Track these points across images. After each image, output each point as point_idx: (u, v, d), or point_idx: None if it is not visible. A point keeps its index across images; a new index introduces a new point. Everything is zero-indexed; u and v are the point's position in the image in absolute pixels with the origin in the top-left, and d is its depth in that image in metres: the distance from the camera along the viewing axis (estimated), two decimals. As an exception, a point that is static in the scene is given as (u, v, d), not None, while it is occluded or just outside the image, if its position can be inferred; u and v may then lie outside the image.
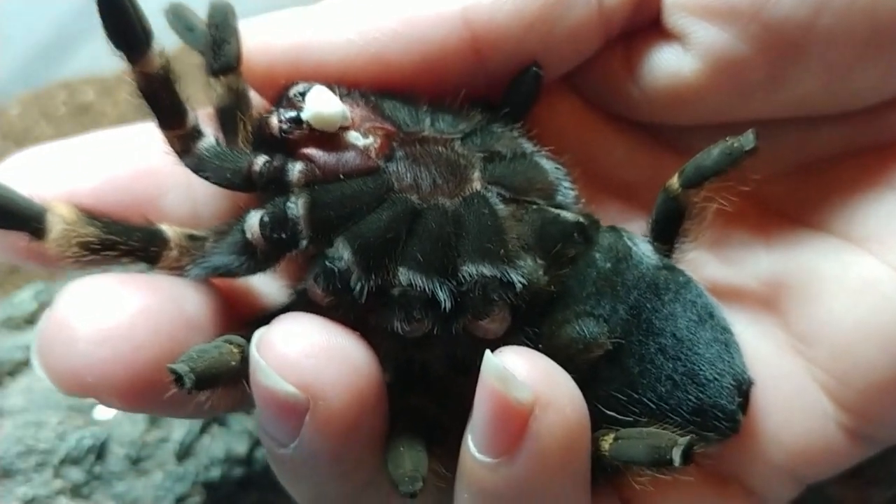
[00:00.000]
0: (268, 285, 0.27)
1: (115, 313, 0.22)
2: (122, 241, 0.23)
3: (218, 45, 0.24)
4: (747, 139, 0.24)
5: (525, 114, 0.27)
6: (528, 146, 0.26)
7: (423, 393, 0.25)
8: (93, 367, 0.21)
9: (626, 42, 0.27)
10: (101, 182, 0.24)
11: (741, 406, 0.25)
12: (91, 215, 0.23)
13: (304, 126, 0.23)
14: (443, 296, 0.22)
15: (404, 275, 0.22)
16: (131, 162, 0.25)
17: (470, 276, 0.22)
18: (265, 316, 0.24)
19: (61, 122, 0.71)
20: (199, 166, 0.23)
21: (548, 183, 0.25)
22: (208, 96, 0.25)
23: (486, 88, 0.26)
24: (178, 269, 0.24)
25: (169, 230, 0.24)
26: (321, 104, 0.23)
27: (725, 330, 0.26)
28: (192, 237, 0.24)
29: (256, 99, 0.26)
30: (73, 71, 0.73)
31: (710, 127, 0.27)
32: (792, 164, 0.28)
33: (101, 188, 0.24)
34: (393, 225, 0.22)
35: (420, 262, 0.22)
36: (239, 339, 0.22)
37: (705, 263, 0.28)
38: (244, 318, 0.25)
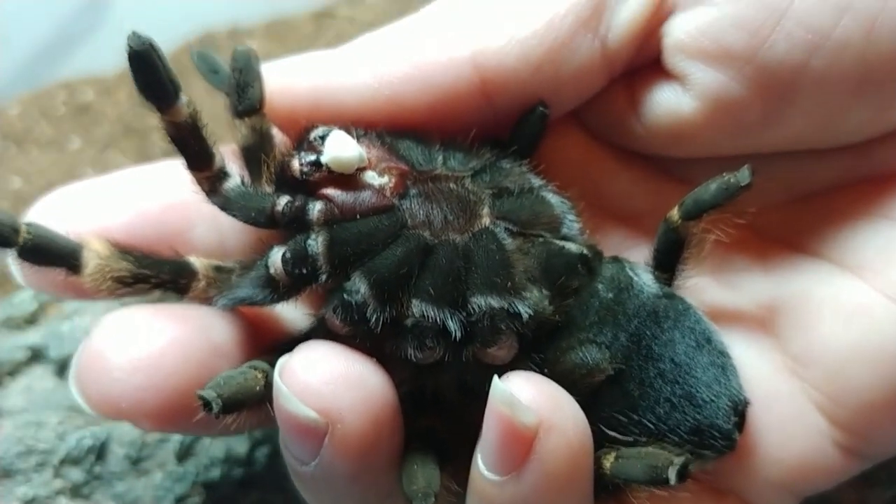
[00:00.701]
0: (290, 312, 0.28)
1: (147, 344, 0.24)
2: (154, 274, 0.24)
3: (242, 89, 0.26)
4: (743, 175, 0.25)
5: (533, 150, 0.28)
6: (536, 181, 0.27)
7: (436, 415, 0.26)
8: (126, 395, 0.23)
9: (628, 80, 0.28)
10: (132, 217, 0.26)
11: (737, 425, 0.27)
12: (124, 250, 0.24)
13: (324, 169, 0.25)
14: (453, 326, 0.24)
15: (417, 306, 0.24)
16: (160, 197, 0.27)
17: (479, 307, 0.24)
18: (288, 342, 0.25)
19: (61, 122, 0.71)
20: (226, 205, 0.25)
21: (553, 216, 0.27)
22: (232, 134, 0.27)
23: (496, 126, 0.27)
24: (206, 299, 0.25)
25: (197, 262, 0.25)
26: (339, 148, 0.25)
27: (722, 354, 0.27)
28: (218, 268, 0.25)
29: (279, 136, 0.28)
30: (73, 71, 0.73)
31: (709, 159, 0.28)
32: (788, 194, 0.29)
33: (132, 223, 0.26)
34: (406, 260, 0.24)
35: (432, 294, 0.24)
36: (263, 365, 0.24)
37: (705, 288, 0.29)
38: (268, 343, 0.26)
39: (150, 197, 0.27)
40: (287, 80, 0.27)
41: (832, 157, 0.28)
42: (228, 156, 0.26)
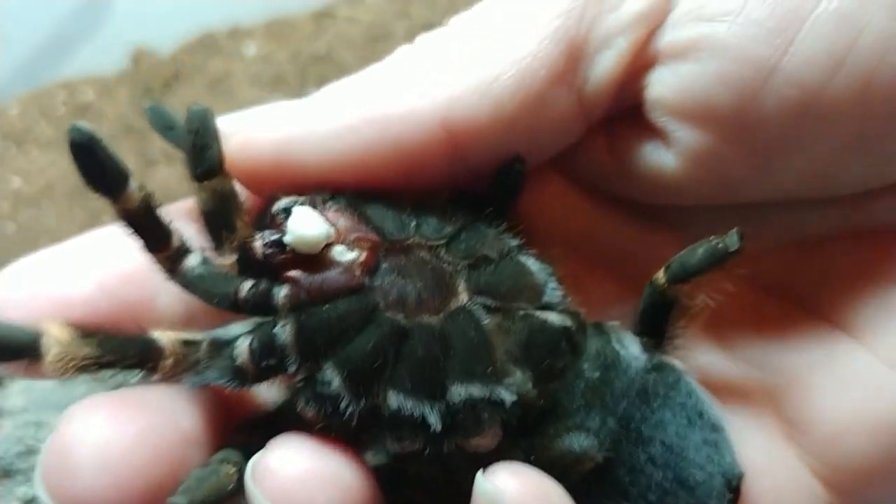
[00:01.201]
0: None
1: (115, 442, 0.22)
2: (119, 359, 0.23)
3: (199, 152, 0.24)
4: (732, 240, 0.24)
5: (511, 205, 0.27)
6: (514, 244, 0.26)
7: (420, 491, 0.26)
8: (97, 497, 0.22)
9: (608, 127, 0.27)
10: (91, 290, 0.25)
11: (731, 501, 0.26)
12: (86, 332, 0.23)
13: (288, 250, 0.23)
14: (433, 419, 0.23)
15: (393, 399, 0.23)
16: (119, 267, 0.25)
17: (459, 397, 0.23)
18: (260, 420, 0.25)
19: (61, 122, 0.71)
20: (188, 286, 0.24)
21: (534, 285, 0.25)
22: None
23: (471, 181, 0.26)
24: (174, 377, 0.24)
25: (163, 338, 0.24)
26: (303, 227, 0.23)
27: (715, 428, 0.26)
28: (186, 342, 0.24)
29: (244, 195, 0.26)
30: (73, 71, 0.73)
31: (698, 206, 0.27)
32: (782, 241, 0.28)
33: (92, 297, 0.24)
34: (380, 349, 0.23)
35: (408, 386, 0.23)
36: (235, 457, 0.23)
37: (698, 348, 0.29)
38: (240, 420, 0.25)
39: (109, 267, 0.25)
40: (248, 136, 0.25)
41: (827, 207, 0.27)
42: (189, 214, 0.25)
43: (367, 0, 0.74)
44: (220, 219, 0.24)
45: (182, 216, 0.25)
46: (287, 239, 0.23)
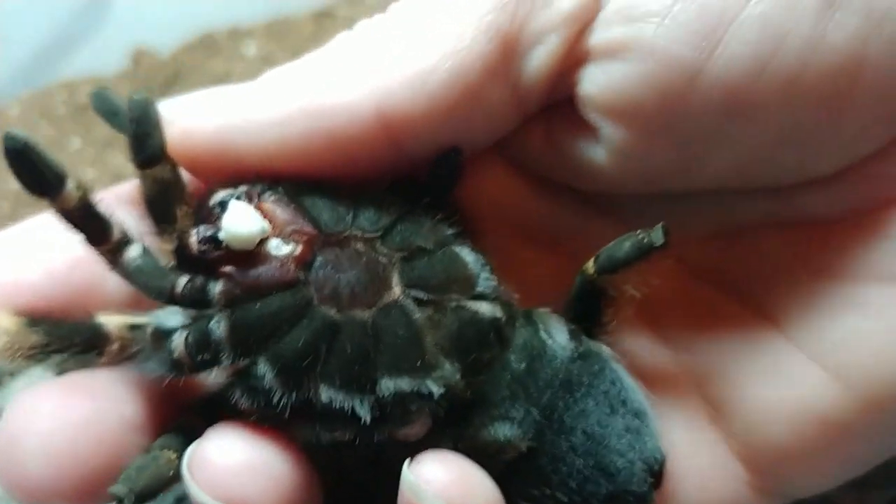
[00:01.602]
0: None
1: (59, 430, 0.23)
2: (66, 345, 0.24)
3: (140, 140, 0.24)
4: (657, 235, 0.25)
5: (449, 192, 0.28)
6: (450, 234, 0.27)
7: (352, 490, 0.27)
8: (43, 485, 0.23)
9: (545, 117, 0.27)
10: (39, 277, 0.25)
11: (653, 485, 0.27)
12: (33, 320, 0.24)
13: (223, 246, 0.24)
14: (362, 412, 0.23)
15: (325, 392, 0.23)
16: (67, 252, 0.26)
17: (388, 390, 0.24)
18: (202, 401, 0.25)
19: (61, 122, 0.71)
20: (128, 278, 0.25)
21: (467, 276, 0.26)
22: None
23: (409, 169, 0.27)
24: (120, 362, 0.25)
25: (110, 322, 0.25)
26: (237, 224, 0.24)
27: (638, 414, 0.27)
28: (132, 327, 0.25)
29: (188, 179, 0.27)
30: (73, 71, 0.73)
31: (631, 194, 0.28)
32: (713, 230, 0.29)
33: (40, 283, 0.25)
34: (312, 345, 0.23)
35: (339, 380, 0.23)
36: (176, 443, 0.24)
37: (628, 332, 0.29)
38: (181, 404, 0.26)
39: (58, 252, 0.26)
40: (188, 125, 0.25)
41: (755, 198, 0.28)
42: (132, 199, 0.26)
43: (366, 1, 0.74)
44: (161, 206, 0.25)
45: (129, 201, 0.26)
46: (221, 235, 0.23)
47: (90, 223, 0.24)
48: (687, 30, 0.23)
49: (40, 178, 0.23)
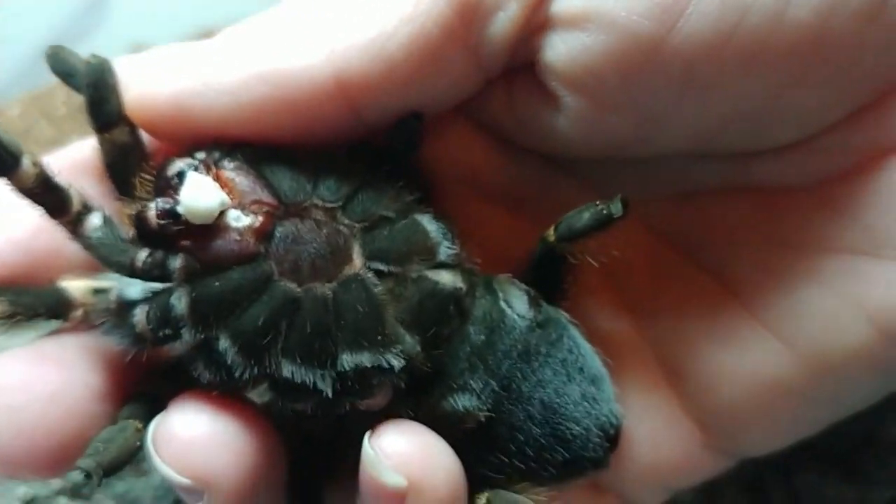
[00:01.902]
0: None
1: (27, 405, 0.24)
2: (31, 311, 0.24)
3: (97, 105, 0.24)
4: (616, 207, 0.26)
5: (410, 157, 0.28)
6: (411, 200, 0.26)
7: (316, 453, 0.27)
8: (14, 456, 0.24)
9: (508, 80, 0.27)
10: (1, 245, 0.26)
11: (608, 449, 0.28)
12: None
13: (182, 220, 0.23)
14: (323, 385, 0.24)
15: (286, 367, 0.23)
16: (28, 220, 0.26)
17: (349, 365, 0.24)
18: (167, 368, 0.26)
19: (61, 122, 0.71)
20: (88, 249, 0.25)
21: (429, 245, 0.26)
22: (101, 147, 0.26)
23: (369, 134, 0.26)
24: (85, 327, 0.25)
25: (73, 287, 0.25)
26: (196, 198, 0.23)
27: (595, 380, 0.28)
28: (96, 291, 0.25)
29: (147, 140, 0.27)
30: (73, 71, 0.73)
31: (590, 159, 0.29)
32: (672, 190, 0.30)
33: (2, 252, 0.25)
34: (272, 321, 0.23)
35: (300, 355, 0.23)
36: (142, 412, 0.24)
37: (590, 294, 0.30)
38: (147, 367, 0.26)
39: (19, 221, 0.26)
40: (145, 89, 0.25)
41: (711, 163, 0.28)
42: (92, 164, 0.26)
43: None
44: (122, 171, 0.25)
45: (89, 168, 0.26)
46: (180, 209, 0.23)
47: (49, 197, 0.24)
48: (649, 3, 0.23)
49: None
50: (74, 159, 0.27)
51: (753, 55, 0.23)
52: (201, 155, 0.25)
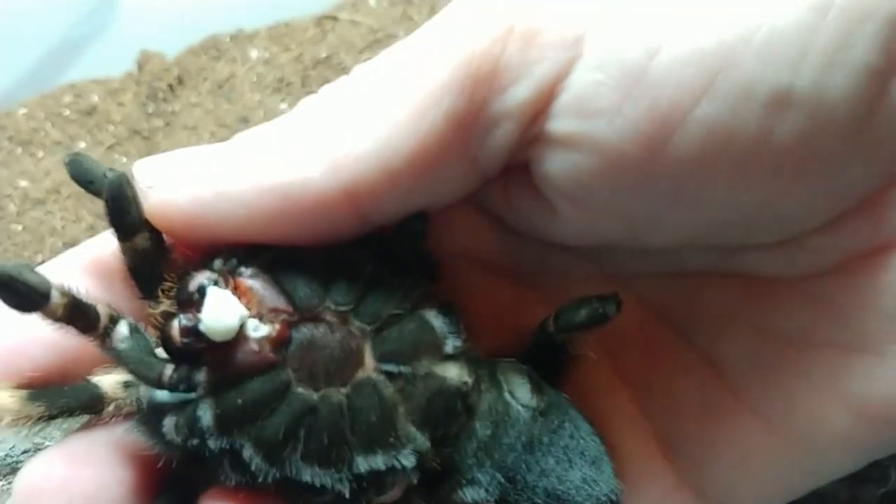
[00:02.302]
0: None
1: None
2: (67, 411, 0.26)
3: (117, 217, 0.25)
4: (611, 308, 0.27)
5: (414, 250, 0.28)
6: (418, 296, 0.27)
7: None
8: None
9: (505, 177, 0.28)
10: (38, 349, 0.27)
11: None
12: (33, 392, 0.25)
13: (204, 337, 0.24)
14: (341, 487, 0.25)
15: (305, 471, 0.25)
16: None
17: (364, 467, 0.25)
18: (196, 466, 0.27)
19: (67, 125, 0.71)
20: (119, 362, 0.26)
21: (435, 342, 0.27)
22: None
23: (376, 231, 0.28)
24: (116, 421, 0.27)
25: (104, 383, 0.26)
26: (217, 318, 0.24)
27: (595, 461, 0.29)
28: (126, 384, 0.26)
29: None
30: (79, 73, 0.74)
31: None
32: (666, 269, 0.30)
33: (34, 353, 0.27)
34: (292, 429, 0.25)
35: (318, 460, 0.25)
36: None
37: (587, 371, 0.31)
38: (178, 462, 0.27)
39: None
40: (162, 197, 0.26)
41: (703, 249, 0.29)
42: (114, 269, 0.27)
43: (369, 3, 0.75)
44: (145, 275, 0.26)
45: (111, 273, 0.27)
46: (201, 328, 0.24)
47: (78, 319, 0.25)
48: (636, 129, 0.23)
49: (28, 301, 0.24)
50: (97, 260, 0.28)
51: (740, 175, 0.24)
52: (219, 264, 0.26)
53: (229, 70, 0.73)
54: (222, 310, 0.24)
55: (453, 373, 0.27)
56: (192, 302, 0.25)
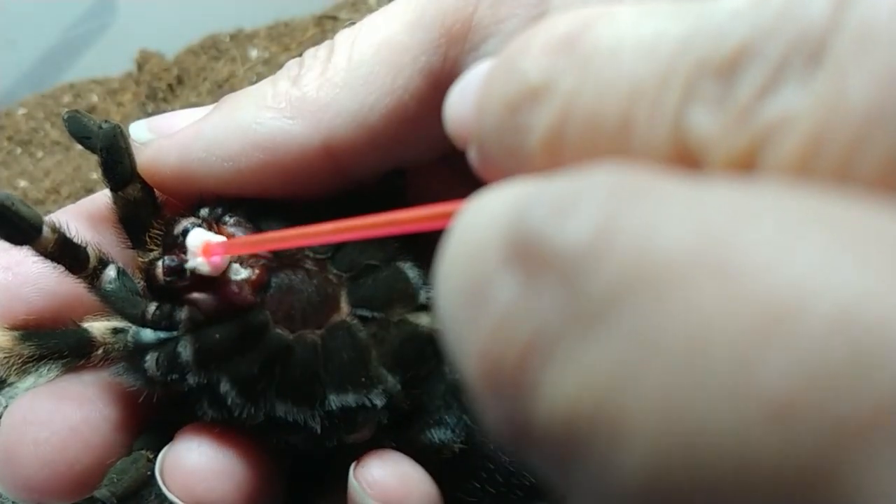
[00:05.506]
0: None
1: (51, 438, 0.26)
2: (57, 352, 0.27)
3: (110, 167, 0.27)
4: None
5: (394, 206, 0.29)
6: (395, 249, 0.28)
7: (309, 476, 0.29)
8: (38, 486, 0.26)
9: None
10: (33, 295, 0.28)
11: None
12: (26, 333, 0.27)
13: (187, 275, 0.25)
14: (313, 423, 0.26)
15: (280, 408, 0.26)
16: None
17: (336, 405, 0.26)
18: (177, 399, 0.27)
19: (67, 124, 0.71)
20: (105, 302, 0.27)
21: (409, 290, 0.28)
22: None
23: (355, 186, 0.29)
24: (104, 366, 0.27)
25: (94, 328, 0.27)
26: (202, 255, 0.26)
27: None
28: (115, 330, 0.27)
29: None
30: (79, 73, 0.74)
31: None
32: None
33: (32, 297, 0.28)
34: (268, 366, 0.26)
35: (292, 397, 0.26)
36: (153, 443, 0.27)
37: None
38: (160, 398, 0.28)
39: (47, 272, 0.28)
40: (155, 153, 0.27)
41: None
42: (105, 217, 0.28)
43: (368, 2, 0.75)
44: (134, 224, 0.27)
45: (102, 219, 0.28)
46: (187, 266, 0.25)
47: (68, 256, 0.26)
48: None
49: (19, 231, 0.25)
50: (90, 211, 0.29)
51: None
52: (205, 212, 0.27)
53: (229, 70, 0.73)
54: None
55: (425, 320, 0.27)
56: (176, 244, 0.26)
